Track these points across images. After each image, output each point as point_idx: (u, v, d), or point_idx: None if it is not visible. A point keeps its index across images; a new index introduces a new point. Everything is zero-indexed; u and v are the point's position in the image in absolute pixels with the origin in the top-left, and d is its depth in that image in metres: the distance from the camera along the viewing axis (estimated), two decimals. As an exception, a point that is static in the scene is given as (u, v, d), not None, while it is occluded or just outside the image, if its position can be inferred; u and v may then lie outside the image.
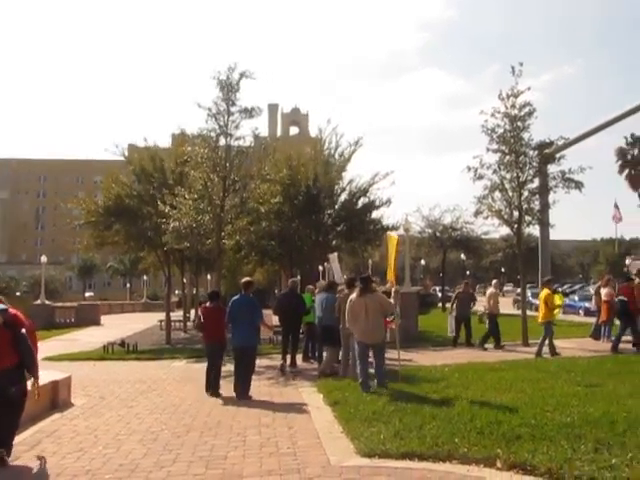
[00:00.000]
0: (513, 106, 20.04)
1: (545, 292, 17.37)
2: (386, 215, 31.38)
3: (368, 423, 8.43)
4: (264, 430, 8.76)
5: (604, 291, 20.34)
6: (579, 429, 7.63)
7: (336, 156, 26.06)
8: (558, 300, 17.79)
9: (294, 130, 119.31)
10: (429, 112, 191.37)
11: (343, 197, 26.63)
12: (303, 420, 9.32)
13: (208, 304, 12.62)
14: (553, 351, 16.64)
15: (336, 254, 21.04)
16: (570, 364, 14.09)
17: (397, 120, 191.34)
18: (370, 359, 11.75)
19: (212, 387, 11.93)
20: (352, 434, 8.00)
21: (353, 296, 11.77)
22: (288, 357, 15.57)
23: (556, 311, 17.92)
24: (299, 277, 26.88)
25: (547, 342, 16.69)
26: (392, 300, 12.80)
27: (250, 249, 26.72)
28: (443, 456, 6.92)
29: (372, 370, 11.63)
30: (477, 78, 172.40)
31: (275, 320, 17.52)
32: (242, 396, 11.38)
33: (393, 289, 14.02)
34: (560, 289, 70.15)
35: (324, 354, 14.75)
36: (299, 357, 16.41)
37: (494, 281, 21.94)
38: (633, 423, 7.77)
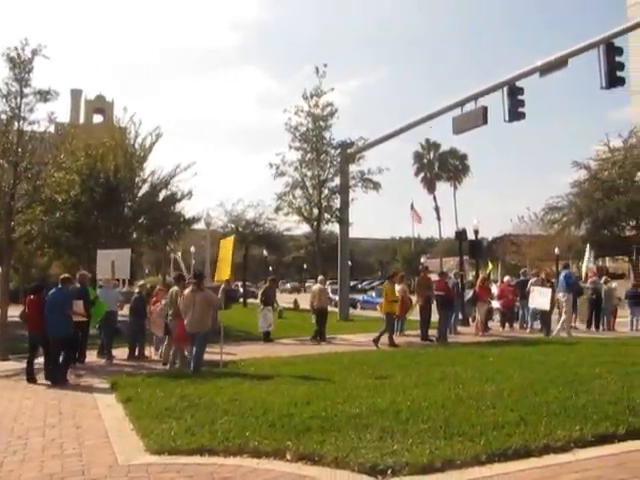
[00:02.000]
0: (316, 105, 20.52)
1: (387, 286, 18.82)
2: (192, 209, 31.03)
3: (160, 419, 8.23)
4: (49, 431, 8.31)
5: (398, 287, 21.36)
6: (367, 419, 7.87)
7: (136, 146, 25.40)
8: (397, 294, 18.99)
9: (99, 118, 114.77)
10: (245, 109, 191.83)
11: (145, 189, 26.01)
12: (92, 419, 8.94)
13: (32, 296, 13.30)
14: (392, 342, 17.82)
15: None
16: (364, 357, 14.61)
17: (212, 114, 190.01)
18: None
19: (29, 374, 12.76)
20: (142, 431, 7.78)
21: (187, 291, 13.44)
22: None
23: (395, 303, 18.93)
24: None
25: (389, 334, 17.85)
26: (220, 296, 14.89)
27: (43, 240, 25.30)
28: (234, 450, 6.88)
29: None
30: (291, 79, 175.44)
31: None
32: (58, 381, 12.18)
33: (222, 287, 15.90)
34: (360, 285, 72.93)
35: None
36: (94, 353, 15.88)
37: (320, 277, 22.47)
38: (416, 412, 8.14)
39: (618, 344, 16.70)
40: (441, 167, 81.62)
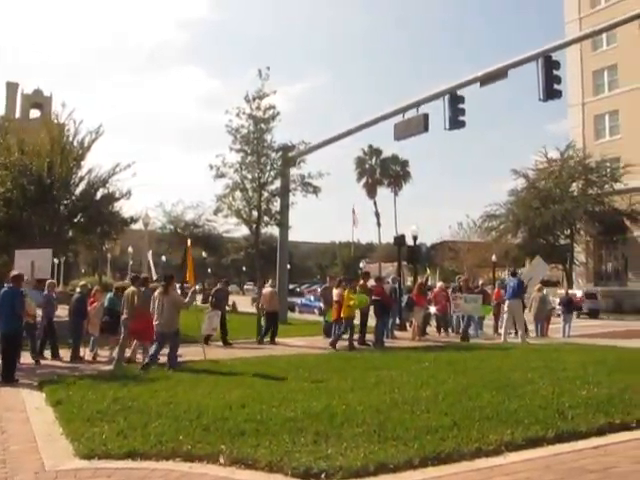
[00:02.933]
0: (258, 108, 20.43)
1: (347, 290, 19.10)
2: (131, 208, 30.54)
3: (91, 423, 8.03)
4: (-29, 437, 8.02)
5: (335, 292, 21.43)
6: (301, 423, 7.86)
7: (75, 143, 24.91)
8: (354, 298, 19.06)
9: (36, 113, 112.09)
10: (189, 109, 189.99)
11: (82, 187, 25.50)
12: (19, 423, 8.64)
13: None
14: (351, 346, 18.32)
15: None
16: (300, 361, 14.60)
17: (154, 114, 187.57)
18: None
19: None
20: (72, 435, 7.56)
21: (156, 294, 14.14)
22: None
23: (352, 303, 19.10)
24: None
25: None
26: (188, 298, 15.40)
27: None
28: (167, 454, 6.77)
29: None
30: (237, 81, 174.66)
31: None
32: (7, 380, 12.16)
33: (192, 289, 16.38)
34: (298, 289, 72.88)
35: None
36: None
37: (270, 280, 22.46)
38: (350, 416, 8.17)
39: (551, 350, 17.05)
40: (382, 173, 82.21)
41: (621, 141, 48.99)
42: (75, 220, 25.46)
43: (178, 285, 18.95)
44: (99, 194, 25.65)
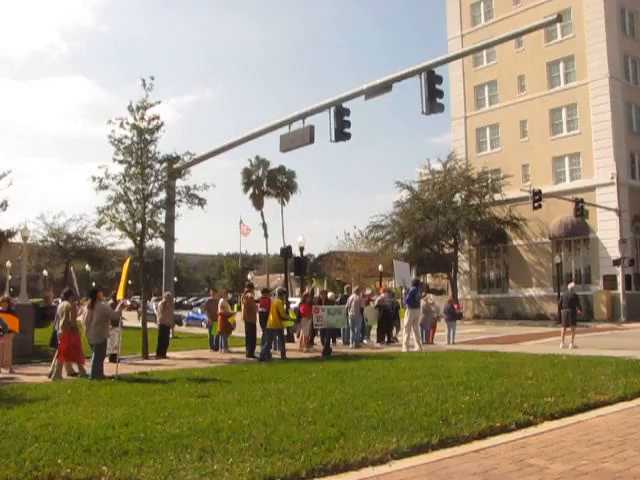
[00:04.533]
0: (142, 118, 20.01)
1: (277, 301, 19.90)
2: (7, 221, 29.34)
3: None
4: None
5: (220, 303, 21.37)
6: (187, 439, 7.70)
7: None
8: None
9: None
10: (72, 119, 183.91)
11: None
12: None
13: None
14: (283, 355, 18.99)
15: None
16: (186, 375, 14.36)
17: (34, 124, 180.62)
18: None
19: None
20: None
21: (85, 307, 15.51)
22: None
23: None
24: None
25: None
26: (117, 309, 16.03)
27: None
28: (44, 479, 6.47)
29: None
30: (124, 93, 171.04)
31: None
32: None
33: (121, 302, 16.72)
34: (186, 302, 71.93)
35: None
36: None
37: (166, 293, 21.89)
38: (237, 430, 8.07)
39: (436, 357, 17.46)
40: (270, 184, 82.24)
41: (501, 154, 51.07)
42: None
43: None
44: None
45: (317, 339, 24.55)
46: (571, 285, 24.00)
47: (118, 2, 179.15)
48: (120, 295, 17.70)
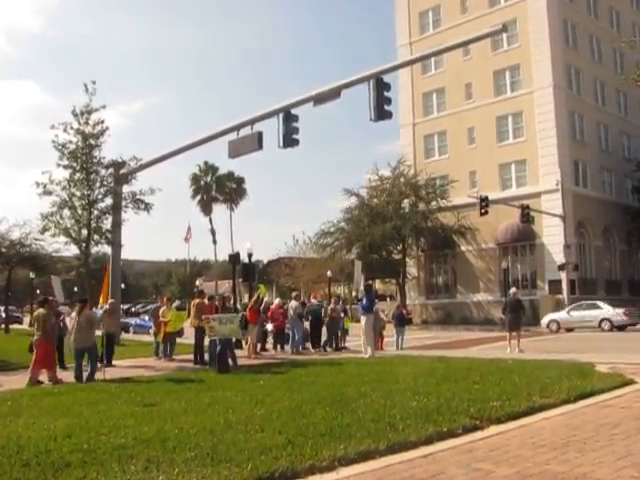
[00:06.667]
0: (87, 123, 19.76)
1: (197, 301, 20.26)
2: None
3: None
4: None
5: (161, 311, 21.13)
6: (132, 449, 7.54)
7: None
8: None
9: None
10: (16, 123, 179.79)
11: None
12: None
13: None
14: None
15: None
16: (131, 384, 14.15)
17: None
18: None
19: None
20: None
21: (73, 314, 16.39)
22: None
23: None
24: None
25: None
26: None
27: None
28: (-22, 497, 6.28)
29: None
30: (72, 98, 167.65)
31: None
32: None
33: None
34: (133, 309, 71.12)
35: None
36: None
37: (111, 300, 21.54)
38: (183, 439, 7.94)
39: (384, 363, 17.50)
40: (218, 190, 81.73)
41: (448, 160, 51.74)
42: None
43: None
44: None
45: (268, 345, 24.52)
46: (513, 290, 24.41)
47: (65, 6, 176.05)
48: (102, 301, 19.02)
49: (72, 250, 28.97)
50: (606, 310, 35.53)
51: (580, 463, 6.68)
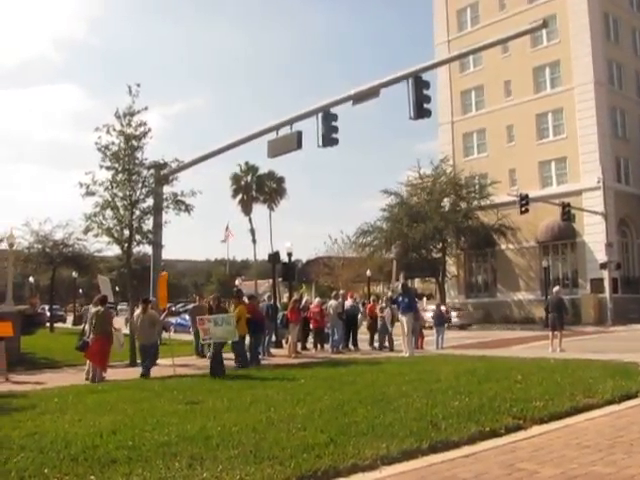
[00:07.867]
0: (129, 124, 19.98)
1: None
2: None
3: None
4: None
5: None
6: (176, 447, 7.63)
7: None
8: None
9: None
10: (61, 127, 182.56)
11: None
12: None
13: None
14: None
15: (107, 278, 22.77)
16: (174, 382, 14.30)
17: (24, 130, 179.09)
18: None
19: None
20: None
21: (137, 312, 17.79)
22: None
23: None
24: None
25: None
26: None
27: None
28: (29, 489, 6.40)
29: None
30: (114, 103, 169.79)
31: None
32: None
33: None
34: (173, 308, 71.81)
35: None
36: None
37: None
38: (226, 437, 8.00)
39: (424, 362, 17.45)
40: (258, 189, 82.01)
41: (488, 158, 51.28)
42: None
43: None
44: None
45: (309, 344, 24.59)
46: (556, 289, 24.10)
47: (108, 13, 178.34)
48: (161, 304, 20.18)
49: (114, 250, 29.34)
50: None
51: (627, 465, 6.59)
